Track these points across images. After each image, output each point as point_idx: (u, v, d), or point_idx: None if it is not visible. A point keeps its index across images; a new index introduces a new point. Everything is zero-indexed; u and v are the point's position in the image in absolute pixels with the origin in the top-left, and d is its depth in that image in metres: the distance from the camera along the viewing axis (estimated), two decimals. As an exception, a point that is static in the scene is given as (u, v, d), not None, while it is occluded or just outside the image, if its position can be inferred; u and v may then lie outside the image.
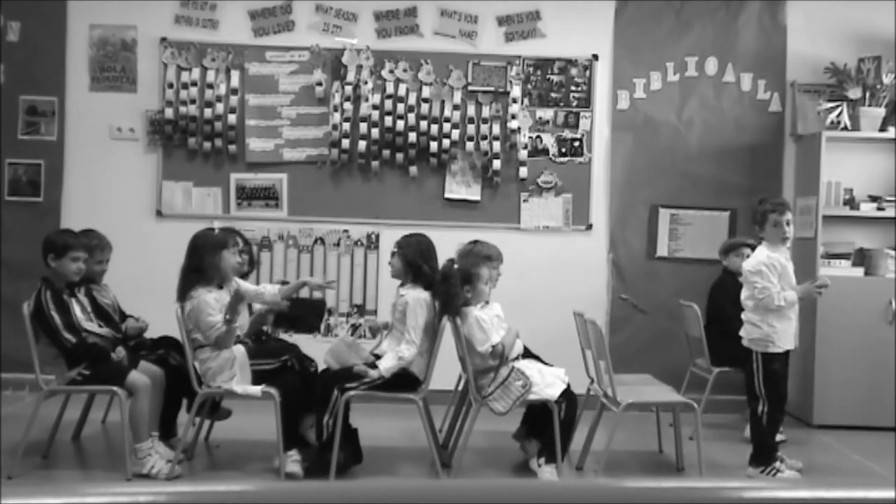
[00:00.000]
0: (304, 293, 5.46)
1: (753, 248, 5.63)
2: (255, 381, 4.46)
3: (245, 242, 5.05)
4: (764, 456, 4.78)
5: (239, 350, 4.49)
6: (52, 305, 4.42)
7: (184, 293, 4.47)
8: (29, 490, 1.11)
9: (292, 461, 4.43)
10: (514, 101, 6.32)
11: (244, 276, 5.03)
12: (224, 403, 4.89)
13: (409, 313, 4.52)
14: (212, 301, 4.44)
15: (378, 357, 4.64)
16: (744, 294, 4.89)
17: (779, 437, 5.27)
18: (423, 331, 4.52)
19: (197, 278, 4.49)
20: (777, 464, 4.78)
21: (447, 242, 4.86)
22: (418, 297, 4.55)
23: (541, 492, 1.25)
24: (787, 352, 4.84)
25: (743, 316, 4.87)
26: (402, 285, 4.70)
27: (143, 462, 4.36)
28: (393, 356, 4.50)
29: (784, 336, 4.77)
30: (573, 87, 6.41)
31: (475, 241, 4.99)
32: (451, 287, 4.51)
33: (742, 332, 4.87)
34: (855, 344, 5.89)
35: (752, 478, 4.77)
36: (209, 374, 4.45)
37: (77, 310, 4.53)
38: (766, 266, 4.73)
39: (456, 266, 4.59)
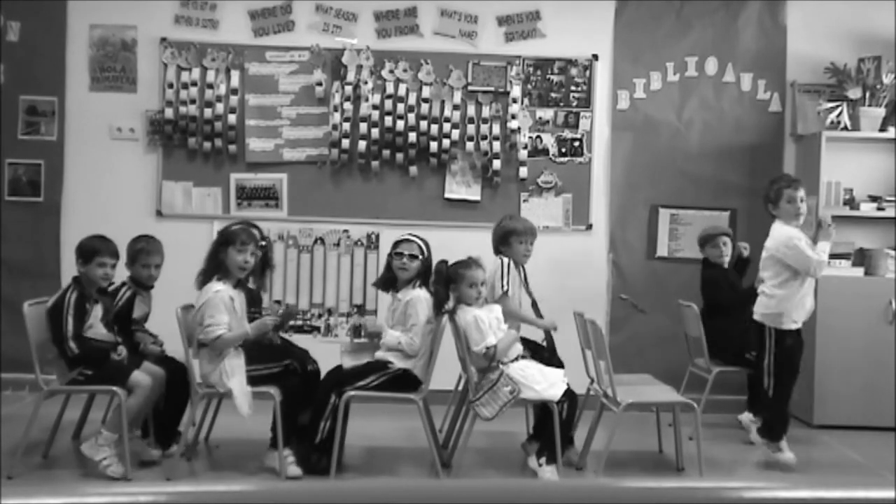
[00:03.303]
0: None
1: (730, 236, 5.72)
2: (257, 385, 4.46)
3: (262, 238, 4.99)
4: (775, 430, 4.90)
5: (236, 353, 4.48)
6: (71, 310, 4.39)
7: (201, 280, 4.49)
8: (29, 490, 1.11)
9: (291, 464, 4.44)
10: (514, 101, 6.32)
11: (260, 273, 4.98)
12: (223, 404, 4.90)
13: (411, 310, 4.53)
14: (226, 300, 4.43)
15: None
16: (766, 273, 4.98)
17: None
18: (425, 331, 4.53)
19: (216, 270, 4.50)
20: (782, 443, 4.86)
21: (447, 242, 4.86)
22: (419, 295, 4.57)
23: (541, 492, 1.25)
24: (799, 330, 4.94)
25: (760, 289, 4.97)
26: (398, 290, 4.70)
27: (100, 449, 4.33)
28: (396, 336, 4.50)
29: (799, 309, 4.88)
30: (573, 87, 6.41)
31: (505, 218, 5.08)
32: (437, 285, 4.56)
33: (756, 307, 4.98)
34: (855, 344, 5.89)
35: (754, 444, 4.97)
36: (204, 374, 4.47)
37: (93, 316, 4.50)
38: (797, 238, 4.85)
39: (446, 266, 4.60)
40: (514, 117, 6.30)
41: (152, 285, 4.91)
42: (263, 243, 4.90)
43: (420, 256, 4.63)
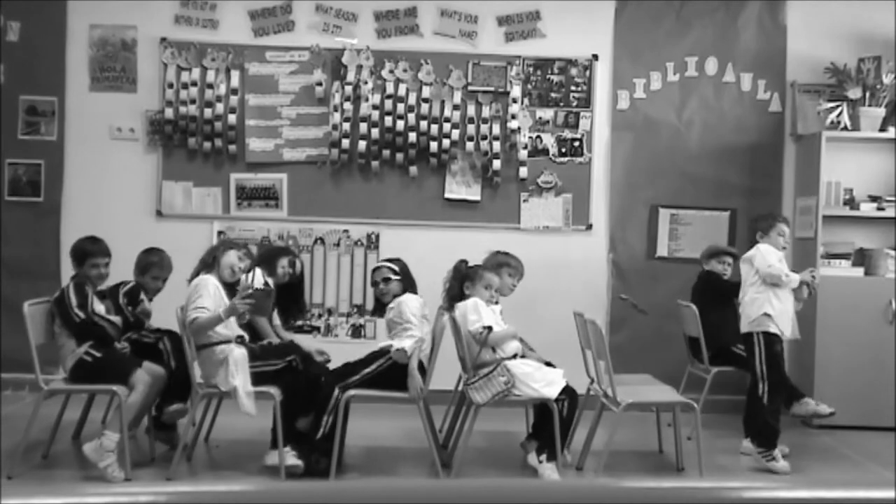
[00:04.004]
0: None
1: (734, 256, 5.77)
2: (260, 381, 4.46)
3: (292, 265, 5.05)
4: (767, 439, 4.87)
5: (239, 352, 4.48)
6: (72, 288, 4.53)
7: (192, 277, 4.61)
8: (29, 490, 1.11)
9: (290, 455, 4.44)
10: (514, 101, 6.32)
11: (293, 284, 5.04)
12: (223, 404, 4.90)
13: (404, 308, 4.60)
14: (210, 287, 4.49)
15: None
16: (747, 282, 5.02)
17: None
18: (419, 319, 4.61)
19: (204, 266, 4.63)
20: (776, 451, 4.85)
21: (447, 242, 4.87)
22: (405, 297, 4.66)
23: (541, 492, 1.25)
24: (782, 343, 4.99)
25: (743, 298, 5.01)
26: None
27: (105, 455, 4.32)
28: (405, 340, 4.53)
29: (782, 319, 4.92)
30: (573, 87, 6.41)
31: (500, 252, 5.17)
32: (453, 281, 4.70)
33: (742, 322, 5.03)
34: (855, 344, 5.88)
35: (745, 453, 4.95)
36: (205, 374, 4.48)
37: (98, 304, 4.58)
38: (771, 252, 4.95)
39: (467, 266, 4.73)
40: (514, 117, 6.30)
41: (152, 298, 5.02)
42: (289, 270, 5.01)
43: (394, 277, 4.72)
